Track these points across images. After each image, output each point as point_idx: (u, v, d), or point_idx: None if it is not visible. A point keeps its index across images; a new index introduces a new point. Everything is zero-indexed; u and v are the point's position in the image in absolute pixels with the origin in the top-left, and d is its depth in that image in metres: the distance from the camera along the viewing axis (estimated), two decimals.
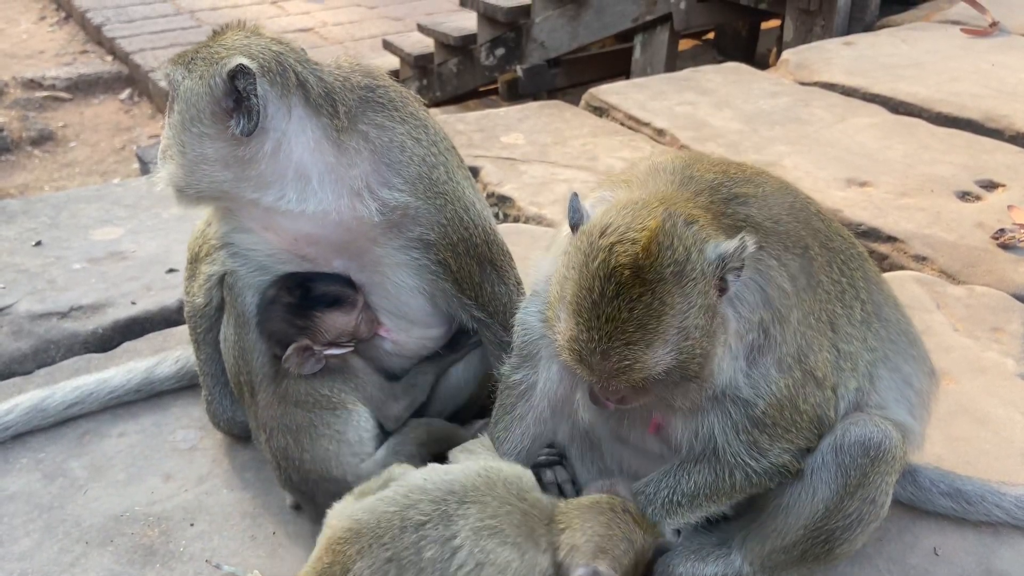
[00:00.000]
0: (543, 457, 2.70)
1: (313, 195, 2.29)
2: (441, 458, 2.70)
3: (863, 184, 4.61)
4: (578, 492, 2.65)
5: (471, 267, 2.55)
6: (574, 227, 1.93)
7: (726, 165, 2.13)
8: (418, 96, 2.61)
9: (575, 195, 1.99)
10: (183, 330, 3.26)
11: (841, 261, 2.16)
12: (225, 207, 2.47)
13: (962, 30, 6.95)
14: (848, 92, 5.88)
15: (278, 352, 2.49)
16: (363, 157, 2.34)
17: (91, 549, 2.41)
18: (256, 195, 2.30)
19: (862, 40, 6.84)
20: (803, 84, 6.12)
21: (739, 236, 1.81)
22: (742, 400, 2.00)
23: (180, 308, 3.41)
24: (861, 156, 4.92)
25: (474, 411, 3.00)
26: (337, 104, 2.31)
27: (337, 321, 2.47)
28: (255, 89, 2.16)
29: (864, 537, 2.23)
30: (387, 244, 2.44)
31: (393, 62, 9.61)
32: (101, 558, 2.37)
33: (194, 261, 2.71)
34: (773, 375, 1.98)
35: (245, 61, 2.17)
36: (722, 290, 1.85)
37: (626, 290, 1.73)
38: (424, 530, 1.91)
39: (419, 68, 9.30)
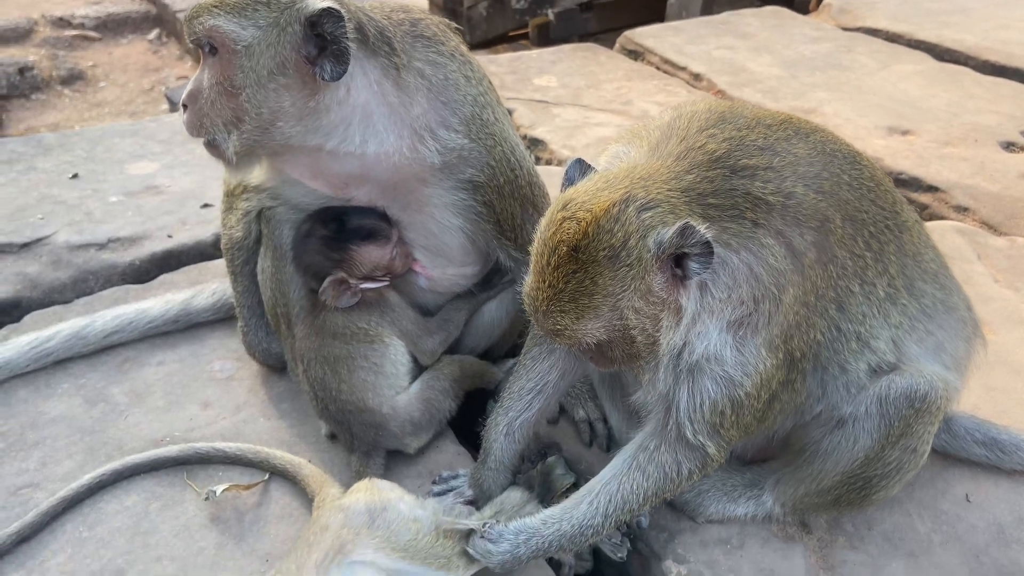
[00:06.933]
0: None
1: (375, 136, 2.25)
2: (474, 393, 2.74)
3: (905, 133, 4.50)
4: (609, 431, 2.67)
5: (514, 208, 2.53)
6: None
7: (747, 130, 2.02)
8: (456, 26, 2.55)
9: (576, 161, 2.01)
10: (219, 264, 3.30)
11: (869, 234, 2.06)
12: (274, 164, 2.44)
13: None
14: (892, 38, 5.71)
15: (314, 285, 2.51)
16: (422, 95, 2.30)
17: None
18: (320, 141, 2.24)
19: None
20: (845, 29, 5.95)
21: (679, 223, 1.75)
22: (728, 378, 1.96)
23: (215, 242, 3.44)
24: (904, 104, 4.80)
25: (505, 349, 3.01)
26: (392, 41, 2.25)
27: (372, 255, 2.47)
28: (345, 31, 2.08)
29: (901, 484, 2.22)
30: (437, 185, 2.42)
31: (421, 3, 9.46)
32: (143, 480, 2.43)
33: (230, 195, 2.70)
34: (763, 355, 1.95)
35: (332, 4, 2.08)
36: (682, 276, 1.82)
37: (563, 264, 1.79)
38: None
39: (448, 11, 9.12)
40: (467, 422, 2.74)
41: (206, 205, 3.65)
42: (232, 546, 2.26)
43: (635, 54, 5.71)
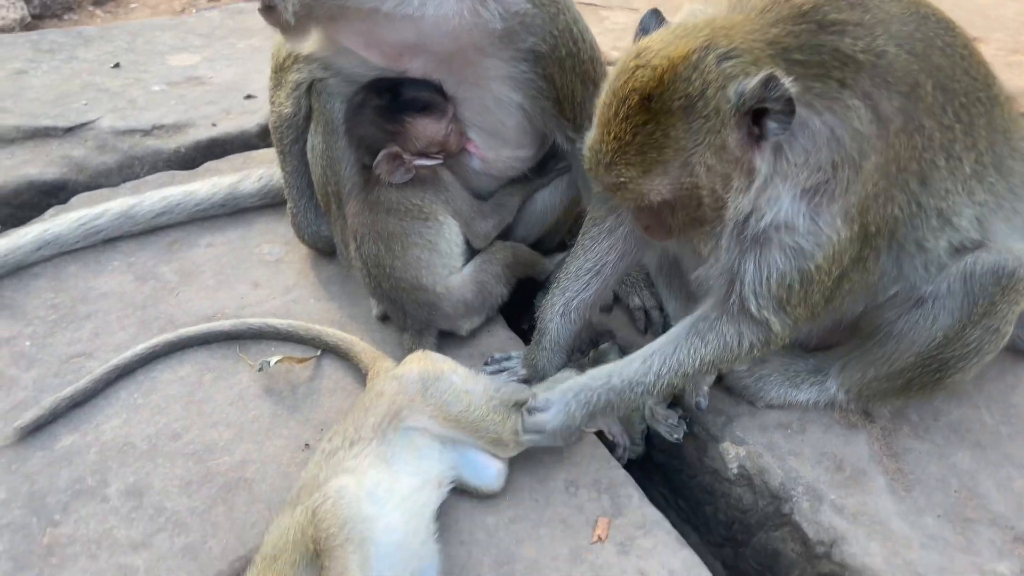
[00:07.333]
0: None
1: None
2: (524, 285, 2.68)
3: (973, 40, 4.28)
4: (665, 319, 2.61)
5: (575, 84, 2.42)
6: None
7: None
8: None
9: (652, 11, 1.90)
10: (264, 153, 3.24)
11: (960, 105, 1.94)
12: (328, 32, 2.35)
13: None
14: None
15: (367, 160, 2.44)
16: None
17: None
18: (376, 3, 2.14)
19: None
20: None
21: (763, 73, 1.62)
22: (799, 249, 1.86)
23: (260, 132, 3.37)
24: (971, 12, 4.58)
25: (556, 241, 2.94)
26: None
27: (427, 128, 2.39)
28: None
29: (978, 368, 2.14)
30: (496, 55, 2.31)
31: None
32: (196, 353, 2.42)
33: (279, 70, 2.62)
34: (838, 224, 1.84)
35: None
36: (759, 136, 1.72)
37: (633, 115, 1.70)
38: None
39: None
40: (514, 318, 2.69)
41: (249, 96, 3.57)
42: (286, 415, 2.25)
43: None
